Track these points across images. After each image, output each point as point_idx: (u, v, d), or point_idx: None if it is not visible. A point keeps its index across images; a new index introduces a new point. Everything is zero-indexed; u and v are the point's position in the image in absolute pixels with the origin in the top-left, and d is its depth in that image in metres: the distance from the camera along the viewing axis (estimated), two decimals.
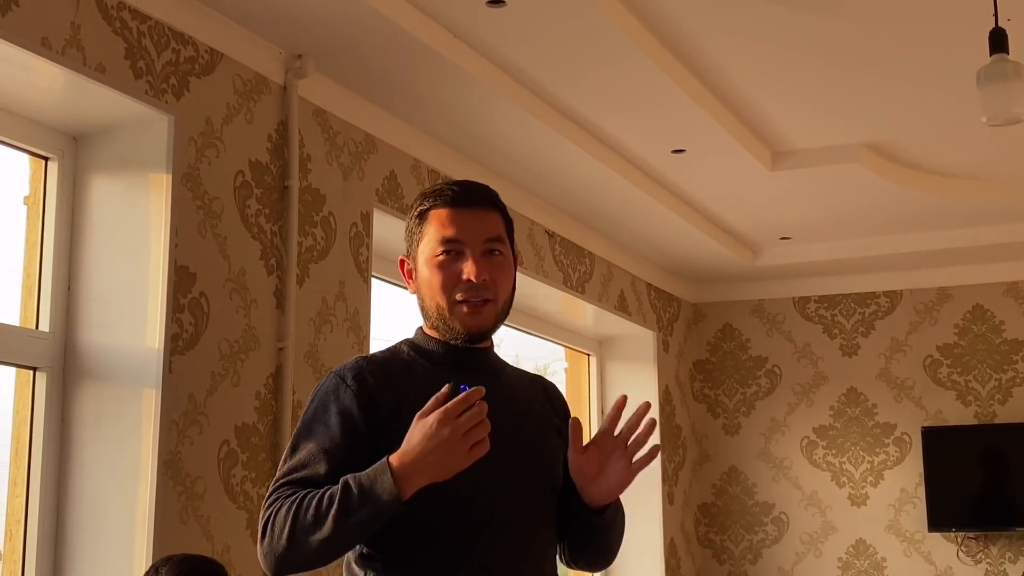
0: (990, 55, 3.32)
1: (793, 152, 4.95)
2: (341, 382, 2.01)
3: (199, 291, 3.21)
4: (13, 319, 3.10)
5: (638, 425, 2.05)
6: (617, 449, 2.05)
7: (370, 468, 1.89)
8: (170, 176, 3.12)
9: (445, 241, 2.06)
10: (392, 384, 2.02)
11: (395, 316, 4.61)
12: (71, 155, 3.20)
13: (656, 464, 6.09)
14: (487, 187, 2.16)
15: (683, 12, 3.69)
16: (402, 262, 2.14)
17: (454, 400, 1.86)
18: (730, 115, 4.50)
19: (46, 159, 3.18)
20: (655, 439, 2.13)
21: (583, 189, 4.97)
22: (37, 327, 3.09)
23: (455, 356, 2.08)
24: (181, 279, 3.15)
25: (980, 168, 5.19)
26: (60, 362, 3.10)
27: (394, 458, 1.87)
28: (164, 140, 3.14)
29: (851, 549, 6.31)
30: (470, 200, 2.09)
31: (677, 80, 4.02)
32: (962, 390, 6.25)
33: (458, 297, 2.04)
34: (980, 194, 5.36)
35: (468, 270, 2.04)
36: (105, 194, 3.18)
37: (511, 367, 2.20)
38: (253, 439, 3.36)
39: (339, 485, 1.88)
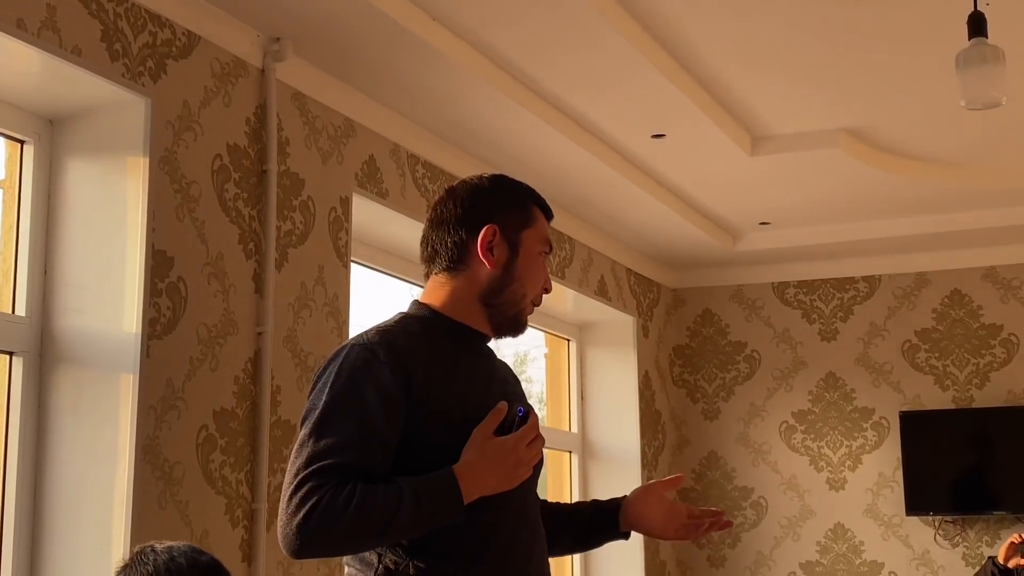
0: (969, 39, 3.33)
1: (773, 137, 4.96)
2: (374, 357, 1.96)
3: (177, 275, 3.20)
4: None
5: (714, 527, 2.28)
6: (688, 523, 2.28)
7: (435, 481, 1.90)
8: (147, 160, 3.10)
9: (548, 244, 2.16)
10: (421, 360, 2.00)
11: (374, 301, 4.60)
12: (47, 138, 3.18)
13: (636, 449, 6.10)
14: None
15: None
16: (493, 231, 2.09)
17: (528, 426, 1.97)
18: (710, 100, 4.50)
19: (22, 142, 3.15)
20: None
21: (563, 174, 4.96)
22: (13, 312, 3.07)
23: (468, 338, 2.10)
24: (159, 263, 3.13)
25: (959, 153, 5.20)
26: (36, 347, 3.08)
27: (463, 476, 1.91)
28: (141, 123, 3.11)
29: (829, 533, 6.34)
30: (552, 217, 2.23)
31: (657, 65, 4.01)
32: (940, 375, 6.28)
33: (534, 299, 2.15)
34: (959, 179, 5.38)
35: (549, 280, 2.17)
36: (82, 178, 3.16)
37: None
38: (232, 424, 3.35)
39: (405, 495, 1.87)
